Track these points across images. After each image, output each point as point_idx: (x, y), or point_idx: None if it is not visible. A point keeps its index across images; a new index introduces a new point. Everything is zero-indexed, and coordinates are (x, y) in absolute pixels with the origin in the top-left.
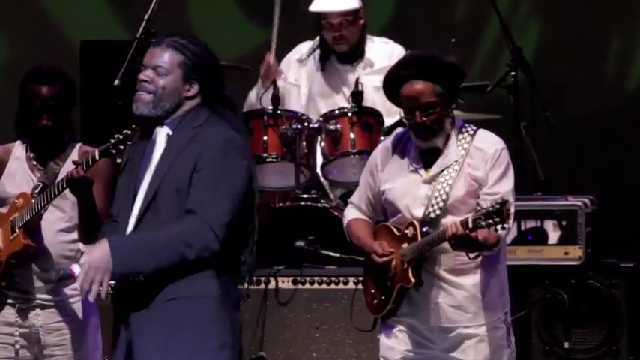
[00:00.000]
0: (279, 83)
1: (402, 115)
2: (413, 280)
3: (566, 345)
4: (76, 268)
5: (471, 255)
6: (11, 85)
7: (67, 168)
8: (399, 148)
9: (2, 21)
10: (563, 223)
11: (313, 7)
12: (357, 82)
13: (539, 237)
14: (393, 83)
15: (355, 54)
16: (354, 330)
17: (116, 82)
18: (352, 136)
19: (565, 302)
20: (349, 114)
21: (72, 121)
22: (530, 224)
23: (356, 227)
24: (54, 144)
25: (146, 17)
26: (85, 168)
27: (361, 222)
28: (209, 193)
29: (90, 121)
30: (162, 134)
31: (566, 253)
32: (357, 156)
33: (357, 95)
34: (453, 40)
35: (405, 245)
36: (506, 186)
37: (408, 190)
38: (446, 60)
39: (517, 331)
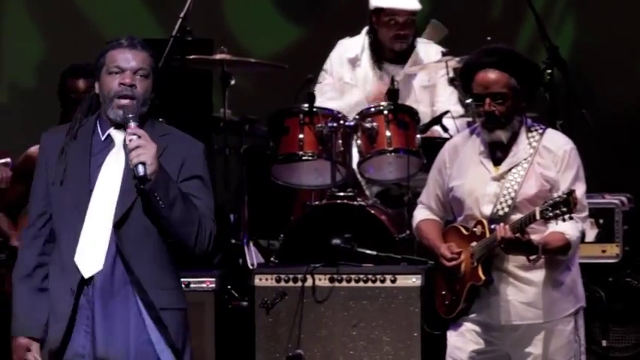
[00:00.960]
0: (327, 81)
1: (472, 101)
2: (483, 277)
3: (604, 343)
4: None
5: (531, 258)
6: (46, 85)
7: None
8: (468, 145)
9: (37, 21)
10: (601, 221)
11: (382, 3)
12: (393, 80)
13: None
14: (470, 69)
15: (406, 54)
16: (392, 328)
17: None
18: (388, 133)
19: (603, 300)
20: (385, 111)
21: None
22: None
23: (425, 228)
24: None
25: (182, 15)
26: None
27: (430, 223)
28: (206, 203)
29: None
30: (119, 138)
31: (604, 251)
32: (393, 154)
33: (393, 93)
34: (489, 38)
35: (474, 243)
36: (580, 188)
37: (477, 186)
38: (527, 57)
39: None
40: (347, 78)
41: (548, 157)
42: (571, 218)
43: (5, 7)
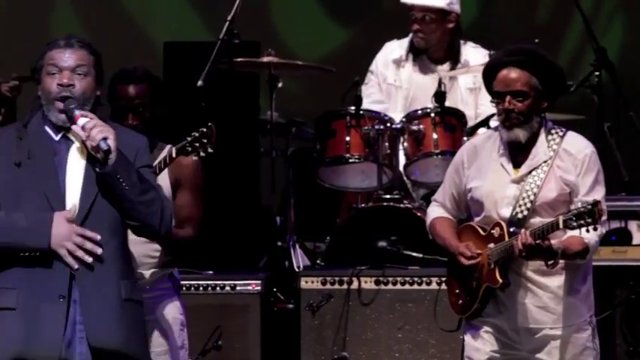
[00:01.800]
0: (372, 82)
1: (494, 100)
2: (500, 280)
3: None
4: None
5: (549, 263)
6: None
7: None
8: (488, 146)
9: (85, 24)
10: None
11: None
12: (440, 82)
13: (623, 237)
14: (492, 68)
15: (449, 56)
16: (437, 330)
17: (199, 82)
18: (435, 136)
19: None
20: (432, 114)
21: (161, 122)
22: (614, 225)
23: (440, 226)
24: None
25: (229, 18)
26: (162, 167)
27: (445, 221)
28: (159, 187)
29: (173, 122)
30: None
31: None
32: (439, 156)
33: (439, 95)
34: (537, 40)
35: (492, 245)
36: (599, 193)
37: (496, 188)
38: (550, 59)
39: (601, 332)
40: (391, 79)
41: (569, 160)
42: (595, 229)
43: (53, 10)
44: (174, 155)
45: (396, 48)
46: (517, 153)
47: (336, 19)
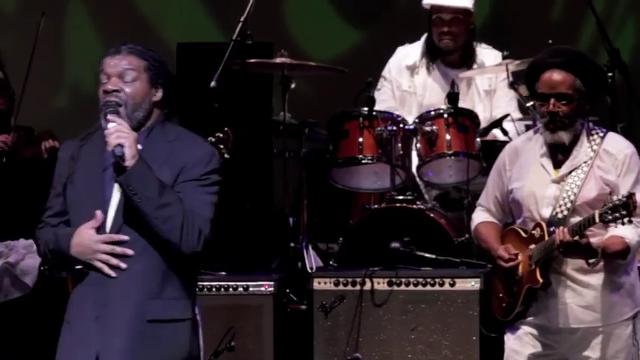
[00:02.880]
0: (385, 88)
1: (538, 101)
2: (540, 280)
3: None
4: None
5: (590, 261)
6: None
7: None
8: (528, 147)
9: (98, 25)
10: None
11: (430, 0)
12: (453, 83)
13: None
14: (536, 69)
15: (465, 58)
16: (451, 332)
17: (212, 83)
18: (448, 137)
19: None
20: (445, 115)
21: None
22: None
23: (484, 231)
24: None
25: (242, 19)
26: None
27: (489, 225)
28: (198, 199)
29: (186, 123)
30: None
31: None
32: (452, 157)
33: (452, 96)
34: (550, 41)
35: (533, 246)
36: None
37: (536, 189)
38: (593, 60)
39: None
40: (405, 86)
41: (609, 160)
42: (630, 222)
43: (66, 11)
44: None
45: (409, 53)
46: (558, 153)
47: (349, 20)
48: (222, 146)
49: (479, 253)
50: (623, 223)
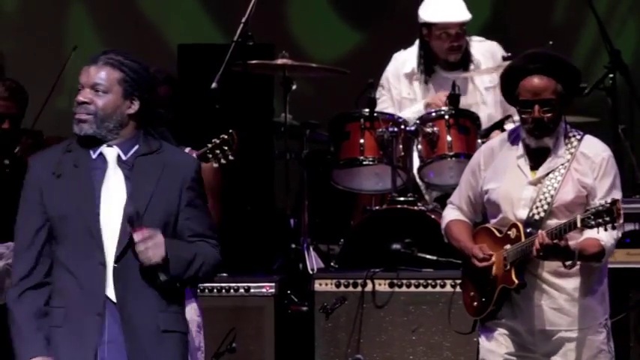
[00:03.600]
0: (384, 97)
1: (519, 108)
2: (516, 281)
3: None
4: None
5: (567, 263)
6: None
7: None
8: (505, 148)
9: (100, 25)
10: None
11: (432, 18)
12: (454, 84)
13: (637, 240)
14: (515, 75)
15: (462, 59)
16: (452, 333)
17: (213, 85)
18: (449, 138)
19: None
20: (446, 116)
21: (178, 125)
22: (629, 227)
23: (456, 229)
24: None
25: (243, 20)
26: None
27: (461, 223)
28: (206, 222)
29: (187, 124)
30: (111, 155)
31: None
32: (453, 158)
33: (453, 98)
34: (551, 42)
35: (508, 246)
36: (617, 196)
37: (513, 190)
38: (570, 62)
39: (615, 334)
40: (405, 93)
41: (586, 163)
42: (614, 228)
43: (68, 13)
44: None
45: (406, 60)
46: (535, 155)
47: (350, 21)
48: (226, 148)
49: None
50: (605, 229)
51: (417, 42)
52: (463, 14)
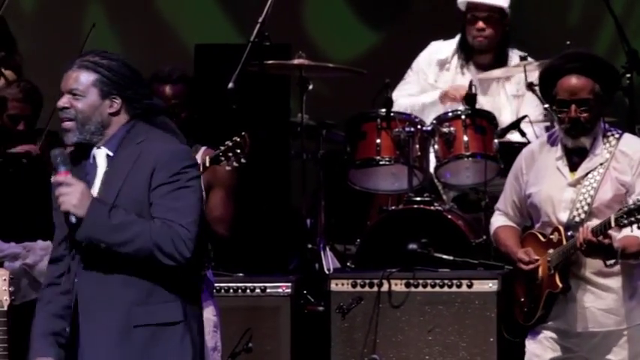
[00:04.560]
0: (410, 78)
1: (556, 107)
2: (560, 285)
3: None
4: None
5: (608, 262)
6: None
7: None
8: (545, 151)
9: (117, 25)
10: None
11: None
12: (471, 84)
13: None
14: (553, 75)
15: (497, 61)
16: (468, 333)
17: (230, 85)
18: (465, 138)
19: None
20: (462, 116)
21: (194, 124)
22: None
23: (503, 235)
24: None
25: (260, 20)
26: None
27: (508, 229)
28: (174, 207)
29: (204, 124)
30: (101, 156)
31: None
32: (470, 159)
33: (470, 98)
34: (568, 42)
35: (551, 251)
36: None
37: (553, 193)
38: (609, 62)
39: None
40: (431, 79)
41: (625, 161)
42: None
43: (85, 12)
44: (207, 164)
45: (442, 48)
46: (574, 156)
47: (367, 21)
48: (238, 150)
49: (496, 255)
50: (639, 227)
51: (457, 36)
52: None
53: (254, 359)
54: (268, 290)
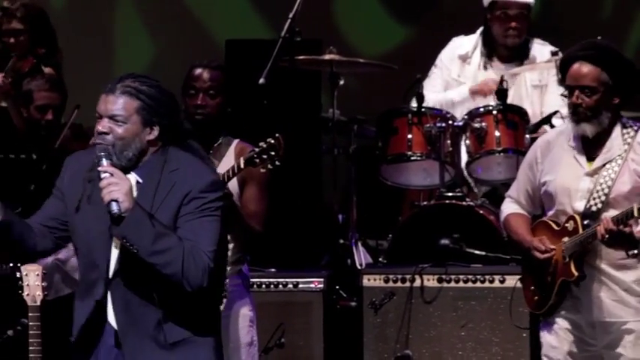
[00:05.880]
0: (435, 75)
1: (563, 93)
2: (575, 273)
3: None
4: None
5: (630, 253)
6: None
7: (224, 165)
8: (561, 140)
9: (147, 21)
10: None
11: None
12: (502, 79)
13: None
14: (567, 62)
15: (518, 53)
16: (501, 328)
17: (261, 80)
18: (497, 134)
19: None
20: (494, 112)
21: (228, 116)
22: None
23: (514, 222)
24: (207, 134)
25: (291, 16)
26: (230, 175)
27: (519, 217)
28: (199, 233)
29: (234, 120)
30: (131, 181)
31: None
32: (501, 154)
33: (501, 93)
34: (599, 37)
35: (566, 239)
36: None
37: (570, 182)
38: (623, 55)
39: None
40: (455, 74)
41: None
42: None
43: (115, 8)
44: (242, 166)
45: (463, 43)
46: (591, 147)
47: (398, 16)
48: (273, 153)
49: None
50: None
51: (478, 30)
52: None
53: (286, 354)
54: (301, 286)
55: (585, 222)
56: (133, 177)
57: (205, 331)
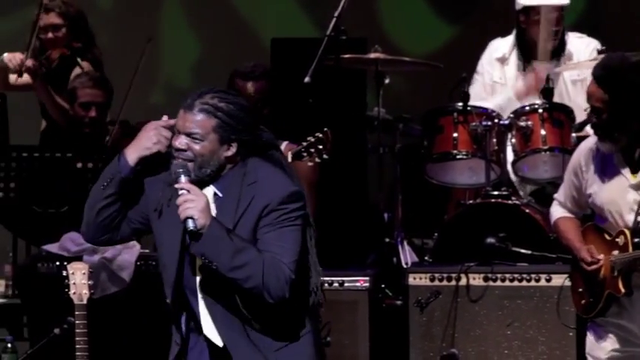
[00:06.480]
0: (478, 82)
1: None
2: (623, 290)
3: None
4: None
5: None
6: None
7: None
8: (602, 151)
9: (194, 20)
10: None
11: (531, 1)
12: (548, 78)
13: None
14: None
15: (556, 50)
16: (547, 327)
17: (307, 79)
18: (543, 132)
19: None
20: (540, 110)
21: (274, 119)
22: None
23: (563, 227)
24: None
25: (336, 14)
26: None
27: (569, 221)
28: (279, 244)
29: (280, 119)
30: (208, 193)
31: None
32: (547, 152)
33: (547, 91)
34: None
35: (616, 252)
36: None
37: (616, 195)
38: (627, 75)
39: None
40: (496, 77)
41: None
42: None
43: (161, 8)
44: (289, 160)
45: (499, 46)
46: (632, 158)
47: (443, 15)
48: (321, 147)
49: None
50: None
51: (514, 31)
52: None
53: (333, 353)
54: (346, 284)
55: (635, 240)
56: (211, 190)
57: (300, 335)
